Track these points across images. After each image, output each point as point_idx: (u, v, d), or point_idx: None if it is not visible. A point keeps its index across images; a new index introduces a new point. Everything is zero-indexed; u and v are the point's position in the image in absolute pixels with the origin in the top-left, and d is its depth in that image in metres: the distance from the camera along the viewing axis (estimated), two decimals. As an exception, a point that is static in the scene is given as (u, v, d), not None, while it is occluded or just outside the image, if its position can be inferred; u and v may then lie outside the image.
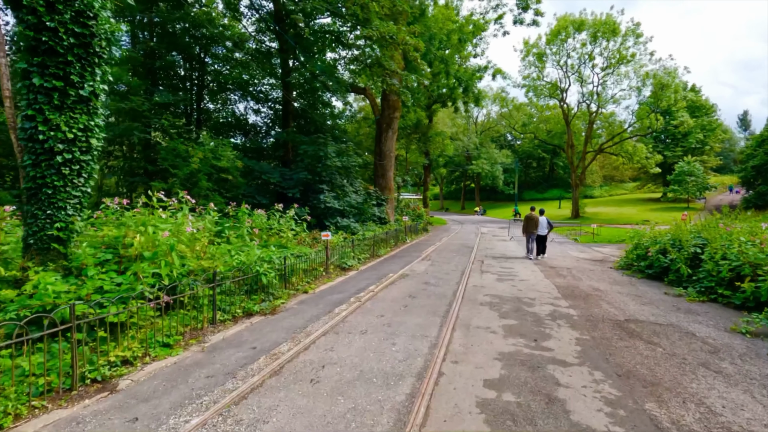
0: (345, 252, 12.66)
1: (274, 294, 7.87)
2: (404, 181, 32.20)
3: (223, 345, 5.45)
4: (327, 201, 16.11)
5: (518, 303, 8.01)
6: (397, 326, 6.32)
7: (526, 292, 9.05)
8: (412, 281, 10.08)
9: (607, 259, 15.66)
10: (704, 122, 58.68)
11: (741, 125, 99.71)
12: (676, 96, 42.04)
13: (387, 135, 22.54)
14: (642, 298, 8.83)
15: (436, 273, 11.35)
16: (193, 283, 6.25)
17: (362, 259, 13.28)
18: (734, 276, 8.85)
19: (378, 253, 15.14)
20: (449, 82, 26.62)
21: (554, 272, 11.99)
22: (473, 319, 6.83)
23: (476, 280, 10.51)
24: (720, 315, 7.62)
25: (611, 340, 5.90)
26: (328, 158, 16.08)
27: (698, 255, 10.49)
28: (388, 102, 22.37)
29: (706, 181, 50.66)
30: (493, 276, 11.09)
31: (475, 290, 9.19)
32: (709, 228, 11.09)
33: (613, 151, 48.76)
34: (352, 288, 9.16)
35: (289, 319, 6.68)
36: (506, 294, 8.85)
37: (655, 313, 7.53)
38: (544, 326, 6.49)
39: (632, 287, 10.11)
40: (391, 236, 18.16)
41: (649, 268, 11.95)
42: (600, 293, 9.17)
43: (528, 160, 79.24)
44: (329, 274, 10.69)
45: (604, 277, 11.48)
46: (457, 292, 8.92)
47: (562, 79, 47.47)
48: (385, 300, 8.04)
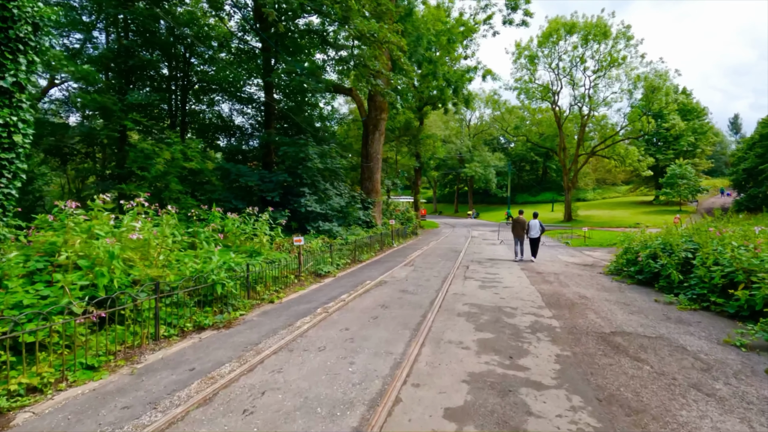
0: (323, 258, 12.08)
1: (234, 305, 7.27)
2: (394, 184, 31.66)
3: (158, 366, 4.84)
4: (308, 204, 15.51)
5: (498, 313, 7.46)
6: (361, 341, 5.74)
7: (509, 301, 8.51)
8: (389, 289, 9.51)
9: (597, 263, 15.19)
10: (696, 125, 58.83)
11: (732, 128, 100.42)
12: (667, 98, 41.95)
13: (374, 137, 22.00)
14: (631, 307, 8.32)
15: (416, 280, 10.79)
16: (136, 295, 5.64)
17: (341, 264, 12.69)
18: (727, 282, 8.38)
19: (360, 258, 14.56)
20: (439, 83, 26.17)
21: (541, 278, 11.48)
22: (446, 332, 6.26)
23: (458, 287, 9.96)
24: (713, 325, 7.12)
25: (594, 356, 5.36)
26: (309, 160, 15.49)
27: (690, 260, 10.03)
28: (375, 103, 21.86)
29: (698, 184, 50.63)
30: (476, 283, 10.55)
31: (454, 299, 8.63)
32: (700, 232, 10.63)
33: (606, 153, 48.58)
34: (323, 297, 8.57)
35: (244, 333, 6.08)
36: (487, 303, 8.30)
37: (643, 324, 7.01)
38: (523, 340, 5.94)
39: (621, 294, 9.61)
40: (375, 240, 17.59)
41: (639, 274, 11.47)
42: (586, 301, 8.64)
43: (521, 163, 79.09)
44: (302, 281, 10.10)
45: (592, 283, 10.98)
46: (435, 300, 8.36)
47: (553, 81, 47.31)
48: (355, 310, 7.46)
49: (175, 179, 11.98)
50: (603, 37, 42.66)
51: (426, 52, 24.01)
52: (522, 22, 25.51)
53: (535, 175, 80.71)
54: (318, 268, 11.11)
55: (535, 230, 14.79)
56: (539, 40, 45.18)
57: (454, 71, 26.38)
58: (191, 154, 11.84)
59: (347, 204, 17.72)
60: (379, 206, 22.27)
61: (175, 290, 6.35)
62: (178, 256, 7.84)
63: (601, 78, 45.48)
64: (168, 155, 11.35)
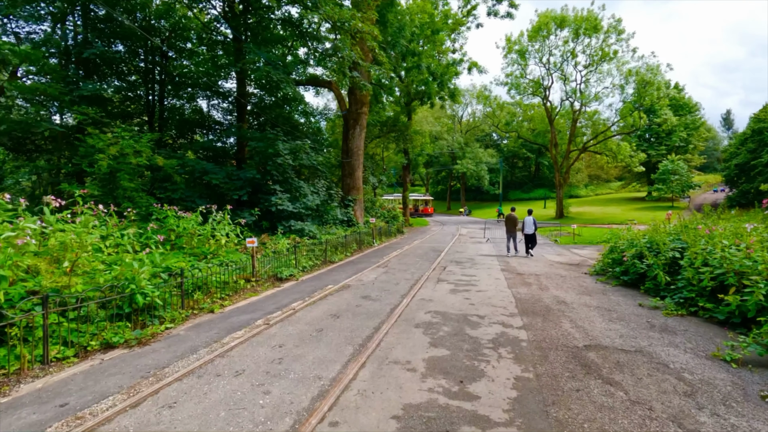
0: (287, 260, 11.23)
1: (162, 317, 6.42)
2: (380, 181, 30.80)
3: (27, 400, 3.98)
4: (278, 203, 14.63)
5: (462, 323, 6.65)
6: (291, 362, 4.91)
7: (478, 308, 7.70)
8: (350, 294, 8.68)
9: (584, 262, 14.47)
10: (688, 120, 58.40)
11: (724, 124, 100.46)
12: (658, 93, 41.36)
13: (354, 132, 21.13)
14: (612, 313, 7.54)
15: (384, 283, 9.97)
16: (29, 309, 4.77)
17: (309, 267, 11.85)
18: (717, 285, 7.63)
19: (332, 259, 13.72)
20: (424, 76, 25.31)
21: (520, 280, 10.70)
22: (396, 348, 5.44)
23: (427, 291, 9.15)
24: (701, 334, 6.36)
25: (560, 379, 4.56)
26: (279, 156, 14.60)
27: (677, 260, 9.29)
28: (355, 97, 20.98)
29: (690, 180, 50.22)
30: (449, 286, 9.74)
31: (419, 305, 7.82)
32: (688, 230, 9.88)
33: (597, 149, 48.00)
34: (271, 305, 7.73)
35: (158, 353, 5.23)
36: (454, 310, 7.49)
37: (623, 335, 6.23)
38: (481, 358, 5.13)
39: (604, 298, 8.84)
40: (353, 240, 16.76)
41: (625, 275, 10.73)
42: (564, 307, 7.86)
43: (513, 159, 78.52)
44: (256, 287, 9.24)
45: (574, 285, 10.21)
46: (397, 308, 7.54)
47: (544, 76, 46.59)
48: (300, 322, 6.62)
49: (126, 176, 11.05)
50: (594, 31, 41.97)
51: (410, 44, 23.14)
52: (507, 14, 24.73)
53: (528, 172, 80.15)
54: (278, 271, 10.25)
55: (529, 227, 15.19)
56: (529, 35, 44.40)
57: (439, 64, 25.52)
58: (140, 148, 10.90)
59: (323, 202, 16.84)
60: (360, 204, 21.43)
61: (85, 302, 5.49)
62: (111, 259, 6.97)
63: (592, 73, 44.83)
64: (114, 150, 10.42)
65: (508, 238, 15.85)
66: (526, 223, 15.24)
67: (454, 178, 76.05)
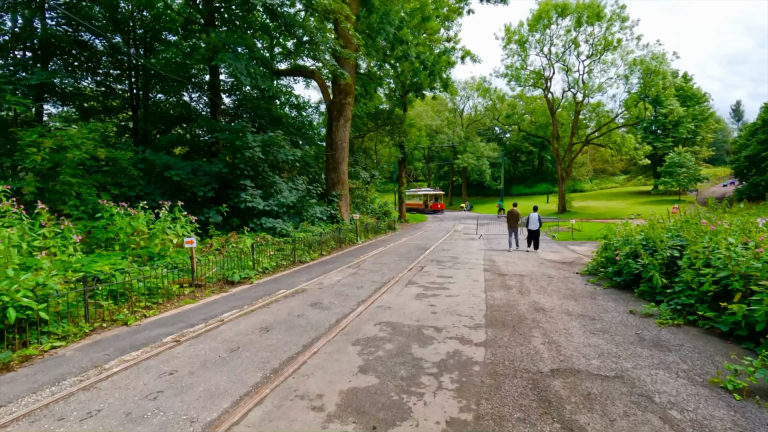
0: (243, 261, 10.23)
1: (55, 333, 5.43)
2: (372, 176, 29.70)
3: None
4: (248, 200, 13.63)
5: (412, 338, 5.60)
6: (169, 398, 3.89)
7: (440, 317, 6.64)
8: (298, 301, 7.65)
9: (578, 260, 13.35)
10: (696, 111, 56.54)
11: (734, 116, 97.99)
12: (664, 82, 39.73)
13: (338, 123, 20.05)
14: (596, 323, 6.45)
15: (346, 287, 8.93)
16: None
17: (270, 268, 10.83)
18: (720, 290, 6.51)
19: (303, 259, 12.71)
20: (414, 65, 24.11)
21: (500, 282, 9.61)
22: (314, 375, 4.40)
23: (390, 296, 8.09)
24: (699, 350, 5.27)
25: (506, 422, 3.50)
26: (248, 148, 13.57)
27: (676, 260, 8.16)
28: (339, 86, 19.88)
29: (698, 173, 48.57)
30: (417, 290, 8.68)
31: (372, 315, 6.77)
32: (689, 225, 8.72)
33: (601, 142, 46.48)
34: (200, 316, 6.71)
35: (13, 383, 4.20)
36: (410, 320, 6.43)
37: (604, 352, 5.15)
38: (415, 390, 4.07)
39: (591, 303, 7.74)
40: (331, 238, 15.73)
41: (618, 275, 9.61)
42: (541, 316, 6.77)
43: (516, 153, 77.04)
44: (197, 293, 8.23)
45: (560, 288, 9.11)
46: (344, 319, 6.50)
47: (545, 67, 45.11)
48: (218, 338, 5.60)
49: (69, 171, 10.08)
50: (596, 18, 40.43)
51: (398, 31, 21.95)
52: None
53: (531, 166, 78.64)
54: (229, 274, 9.24)
55: (534, 223, 15.13)
56: (530, 24, 42.92)
57: (430, 52, 24.29)
58: (78, 141, 9.91)
59: (300, 198, 15.80)
60: (345, 199, 20.37)
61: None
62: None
63: (595, 63, 43.29)
64: (50, 142, 9.44)
65: (510, 233, 15.87)
66: (531, 220, 15.16)
67: (455, 174, 74.80)
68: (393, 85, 34.65)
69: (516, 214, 15.84)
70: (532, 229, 15.24)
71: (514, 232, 15.87)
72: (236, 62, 11.22)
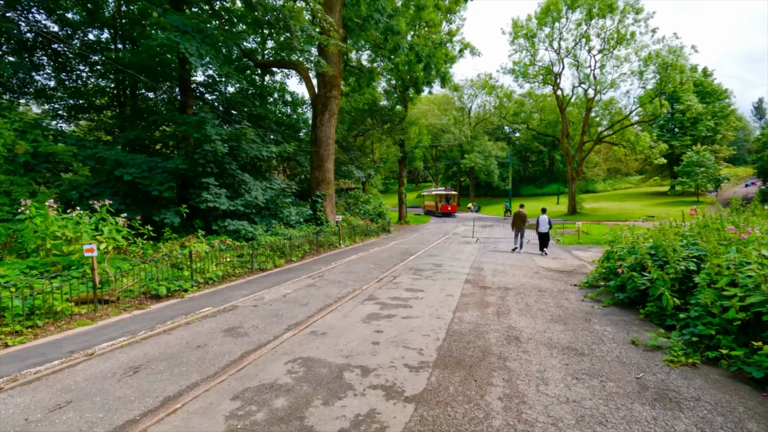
0: (177, 271, 8.86)
1: None
2: (368, 175, 28.29)
3: None
4: (210, 199, 12.30)
5: (322, 388, 4.12)
6: None
7: (381, 349, 5.16)
8: (213, 324, 6.21)
9: (580, 269, 11.74)
10: (716, 108, 53.73)
11: (756, 113, 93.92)
12: (682, 77, 37.44)
13: (323, 118, 18.64)
14: (585, 360, 4.90)
15: (287, 304, 7.50)
16: None
17: (216, 278, 9.45)
18: (750, 319, 4.92)
19: (264, 266, 11.33)
20: (410, 57, 22.59)
21: (478, 297, 8.07)
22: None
23: (334, 318, 6.62)
24: (723, 409, 3.73)
25: None
26: (209, 142, 12.25)
27: (692, 274, 6.54)
28: (324, 79, 18.49)
29: (718, 173, 45.93)
30: (374, 308, 7.19)
31: (293, 346, 5.32)
32: (709, 230, 7.06)
33: (614, 140, 44.25)
34: (72, 346, 5.30)
35: None
36: (336, 356, 4.95)
37: (587, 416, 3.62)
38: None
39: (584, 327, 6.17)
40: (306, 241, 14.32)
41: (621, 291, 8.00)
42: (513, 349, 5.24)
43: (526, 153, 74.74)
44: (104, 309, 6.86)
45: (550, 306, 7.53)
46: (254, 353, 5.06)
47: (555, 62, 43.14)
48: (54, 386, 4.15)
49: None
50: (609, 10, 38.35)
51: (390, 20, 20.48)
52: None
53: (542, 166, 76.23)
54: (152, 287, 7.86)
55: (543, 225, 14.90)
56: (538, 18, 41.04)
57: (426, 43, 22.72)
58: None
59: (273, 198, 14.41)
60: (331, 200, 18.95)
61: None
62: None
63: (608, 58, 41.19)
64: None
65: (516, 234, 15.68)
66: (541, 222, 14.95)
67: (463, 174, 72.89)
68: (394, 81, 33.24)
69: (523, 216, 15.56)
70: (542, 231, 14.91)
71: (521, 233, 15.57)
72: (185, 42, 9.88)
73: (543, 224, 14.93)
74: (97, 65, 19.95)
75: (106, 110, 23.15)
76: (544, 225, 14.93)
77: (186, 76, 15.26)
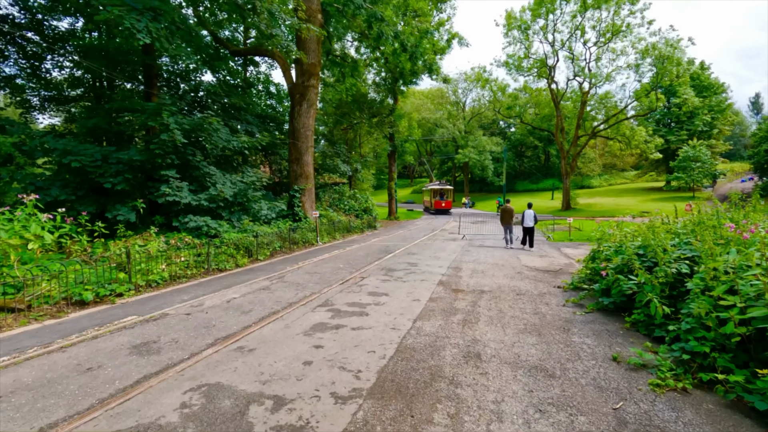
0: (113, 273, 7.95)
1: None
2: (355, 170, 27.33)
3: None
4: (168, 193, 11.38)
5: (215, 429, 3.27)
6: None
7: (312, 371, 4.30)
8: (126, 338, 5.34)
9: (566, 268, 10.93)
10: (712, 102, 52.93)
11: (752, 108, 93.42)
12: (678, 69, 36.57)
13: (301, 108, 17.69)
14: (555, 384, 4.06)
15: (226, 312, 6.62)
16: None
17: (160, 281, 8.55)
18: (752, 334, 4.10)
19: (223, 266, 10.45)
20: (394, 46, 21.63)
21: (448, 302, 7.21)
22: None
23: (274, 329, 5.75)
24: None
25: None
26: (166, 131, 11.31)
27: (685, 278, 5.71)
28: (301, 67, 17.53)
29: (714, 168, 45.21)
30: (324, 317, 6.33)
31: (207, 368, 4.45)
32: (703, 229, 6.23)
33: (609, 134, 43.41)
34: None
35: None
36: (250, 383, 4.09)
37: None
38: None
39: (560, 339, 5.34)
40: (276, 239, 13.43)
41: (606, 295, 7.17)
42: (470, 371, 4.39)
43: (521, 148, 73.92)
44: (10, 318, 5.97)
45: (526, 312, 6.69)
46: (154, 378, 4.20)
47: (549, 55, 42.17)
48: None
49: None
50: (603, 1, 37.37)
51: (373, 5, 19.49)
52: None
53: (537, 162, 75.41)
54: (76, 292, 6.94)
55: (528, 220, 14.76)
56: (531, 9, 40.01)
57: (410, 33, 21.73)
58: None
59: (241, 192, 13.48)
60: (310, 195, 18.04)
61: None
62: None
63: (604, 51, 40.27)
64: None
65: (505, 230, 15.59)
66: (526, 217, 14.83)
67: (457, 169, 72.01)
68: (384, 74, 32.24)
69: (510, 211, 15.53)
70: (527, 226, 14.85)
71: (509, 228, 15.50)
72: (131, 19, 8.92)
73: (528, 219, 14.80)
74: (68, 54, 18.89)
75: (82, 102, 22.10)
76: (529, 219, 14.80)
77: (150, 63, 14.26)
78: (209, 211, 12.81)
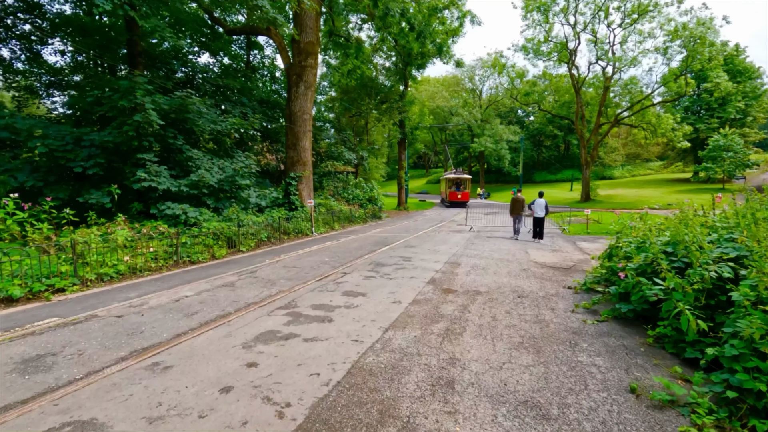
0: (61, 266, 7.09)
1: None
2: (362, 158, 26.20)
3: None
4: (145, 178, 10.51)
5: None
6: None
7: (224, 405, 3.28)
8: (23, 347, 4.43)
9: (580, 265, 9.67)
10: (747, 88, 49.54)
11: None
12: (710, 51, 33.99)
13: (298, 90, 16.61)
14: (548, 428, 2.93)
15: (171, 314, 5.68)
16: None
17: (115, 275, 7.67)
18: (835, 374, 2.86)
19: (195, 258, 9.56)
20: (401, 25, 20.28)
21: (433, 306, 6.10)
22: None
23: (211, 337, 4.77)
24: None
25: None
26: (141, 111, 10.40)
27: (726, 283, 4.45)
28: (298, 46, 16.41)
29: (747, 158, 42.31)
30: (280, 321, 5.30)
31: (96, 392, 3.49)
32: (754, 221, 4.92)
33: (632, 122, 41.01)
34: None
35: None
36: (135, 422, 3.11)
37: None
38: None
39: (564, 359, 4.19)
40: (263, 228, 12.48)
41: (624, 300, 5.92)
42: (438, 404, 3.30)
43: (540, 137, 71.32)
44: None
45: (526, 320, 5.54)
46: (23, 407, 3.25)
47: (570, 38, 39.90)
48: None
49: None
50: (630, -22, 34.88)
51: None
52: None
53: (556, 151, 72.78)
54: (3, 287, 6.08)
55: (539, 209, 14.04)
56: (552, -14, 37.71)
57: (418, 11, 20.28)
58: None
59: (228, 178, 12.54)
60: (307, 182, 17.03)
61: None
62: None
63: (630, 33, 37.78)
64: None
65: (515, 220, 15.19)
66: (536, 206, 14.10)
67: (473, 159, 70.08)
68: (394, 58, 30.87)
69: (521, 201, 15.09)
70: (538, 216, 14.12)
71: (519, 219, 15.08)
72: None
73: (539, 208, 14.04)
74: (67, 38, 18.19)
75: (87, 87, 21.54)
76: (539, 209, 14.04)
77: (134, 39, 13.36)
78: (193, 198, 11.94)
